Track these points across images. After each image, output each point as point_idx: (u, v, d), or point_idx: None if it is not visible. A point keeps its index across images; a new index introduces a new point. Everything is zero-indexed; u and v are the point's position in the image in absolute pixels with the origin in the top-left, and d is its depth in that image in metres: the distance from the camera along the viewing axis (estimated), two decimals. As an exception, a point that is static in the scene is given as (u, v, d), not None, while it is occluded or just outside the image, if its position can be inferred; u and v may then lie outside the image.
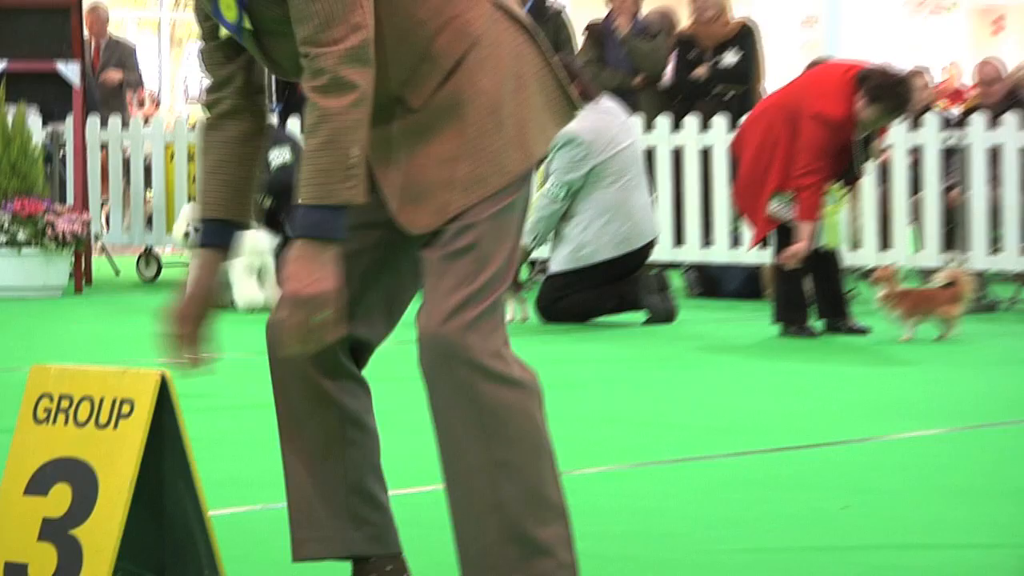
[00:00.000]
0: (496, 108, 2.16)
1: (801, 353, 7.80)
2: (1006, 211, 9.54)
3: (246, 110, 2.33)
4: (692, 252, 9.97)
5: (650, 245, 8.38)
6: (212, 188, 2.33)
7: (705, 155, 10.36)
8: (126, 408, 2.20)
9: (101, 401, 2.24)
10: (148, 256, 11.18)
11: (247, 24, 2.15)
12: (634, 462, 4.52)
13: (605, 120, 8.31)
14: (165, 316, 2.25)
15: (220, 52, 2.30)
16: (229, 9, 2.15)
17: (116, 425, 2.19)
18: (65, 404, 2.26)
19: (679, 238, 9.72)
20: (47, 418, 2.26)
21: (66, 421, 2.24)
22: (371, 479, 2.43)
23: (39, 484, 2.18)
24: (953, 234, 9.74)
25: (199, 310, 2.27)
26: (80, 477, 2.18)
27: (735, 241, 9.87)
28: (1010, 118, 9.35)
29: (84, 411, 2.26)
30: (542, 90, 2.22)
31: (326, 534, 2.39)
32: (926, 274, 9.63)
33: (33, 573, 2.12)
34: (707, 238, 10.07)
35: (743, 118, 9.32)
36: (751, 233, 8.71)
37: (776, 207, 7.92)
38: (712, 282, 10.06)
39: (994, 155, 9.37)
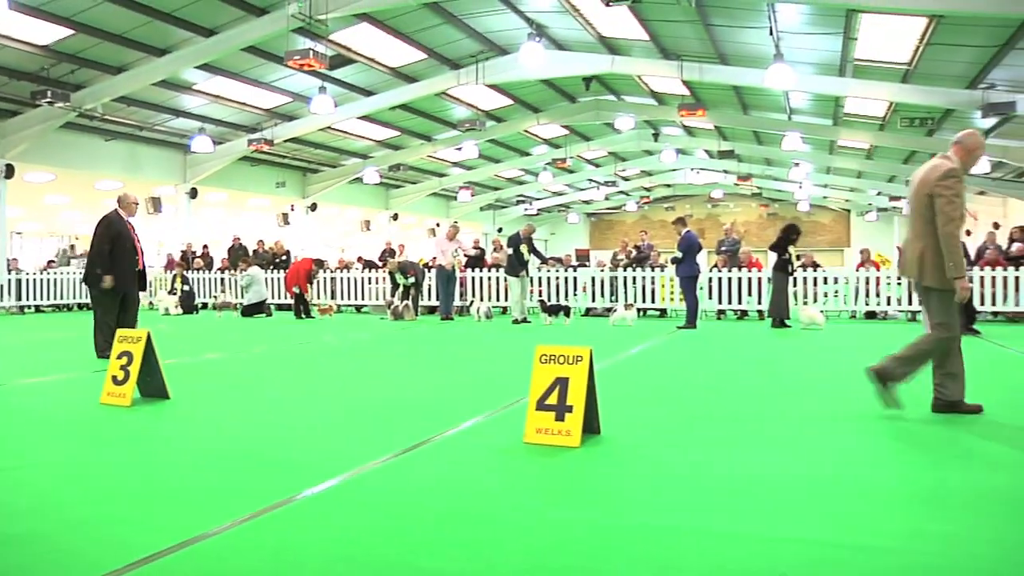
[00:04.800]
0: None
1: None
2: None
3: None
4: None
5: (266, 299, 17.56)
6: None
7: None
8: (138, 338, 6.05)
9: (139, 337, 6.02)
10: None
11: None
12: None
13: (259, 270, 16.77)
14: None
15: None
16: None
17: (137, 342, 6.03)
18: (122, 336, 6.04)
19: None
20: (123, 340, 6.02)
21: (131, 341, 6.02)
22: None
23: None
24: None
25: None
26: (129, 355, 5.98)
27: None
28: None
29: (131, 341, 6.06)
30: None
31: None
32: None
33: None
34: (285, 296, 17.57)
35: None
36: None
37: (298, 291, 16.45)
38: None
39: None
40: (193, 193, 24.64)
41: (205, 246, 23.71)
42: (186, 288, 19.42)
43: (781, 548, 2.83)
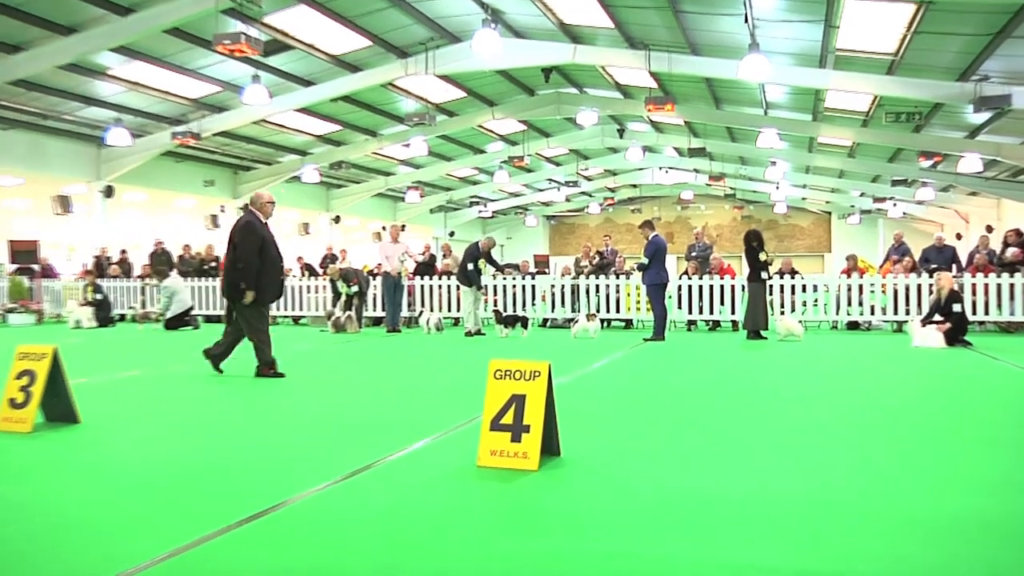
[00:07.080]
0: None
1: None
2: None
3: None
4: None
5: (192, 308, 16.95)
6: None
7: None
8: (42, 355, 5.92)
9: (43, 353, 5.89)
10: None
11: None
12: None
13: (179, 279, 16.84)
14: None
15: None
16: None
17: (41, 359, 5.86)
18: (23, 353, 5.83)
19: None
20: (24, 357, 5.85)
21: (34, 359, 5.82)
22: None
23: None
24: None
25: None
26: (31, 373, 5.84)
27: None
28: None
29: (34, 358, 5.89)
30: None
31: None
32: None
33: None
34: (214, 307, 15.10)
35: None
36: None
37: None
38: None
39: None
40: (108, 192, 24.31)
41: (123, 251, 23.34)
42: (99, 297, 18.97)
43: (756, 578, 2.85)
